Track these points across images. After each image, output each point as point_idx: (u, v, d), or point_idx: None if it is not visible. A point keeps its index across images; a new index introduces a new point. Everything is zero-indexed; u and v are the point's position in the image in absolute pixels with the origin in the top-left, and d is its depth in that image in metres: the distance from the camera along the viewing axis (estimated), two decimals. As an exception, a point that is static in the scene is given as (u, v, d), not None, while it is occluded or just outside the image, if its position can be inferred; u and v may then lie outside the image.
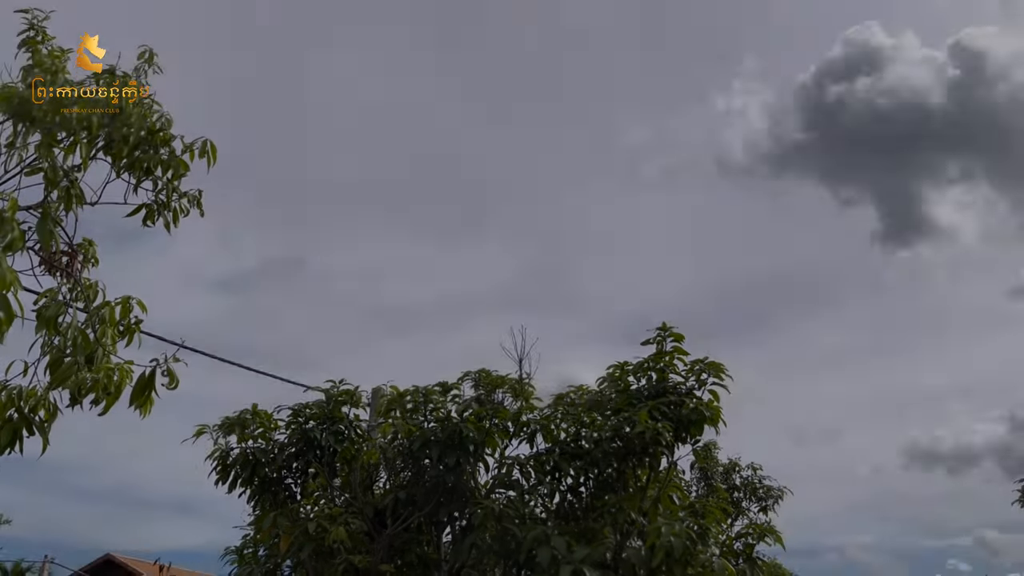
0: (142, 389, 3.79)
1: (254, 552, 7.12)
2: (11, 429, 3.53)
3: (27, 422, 3.57)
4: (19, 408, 3.58)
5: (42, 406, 3.68)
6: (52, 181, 3.91)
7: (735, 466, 17.03)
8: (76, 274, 4.15)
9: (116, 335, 3.79)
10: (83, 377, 3.53)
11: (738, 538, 6.50)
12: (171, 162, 4.24)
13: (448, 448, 6.39)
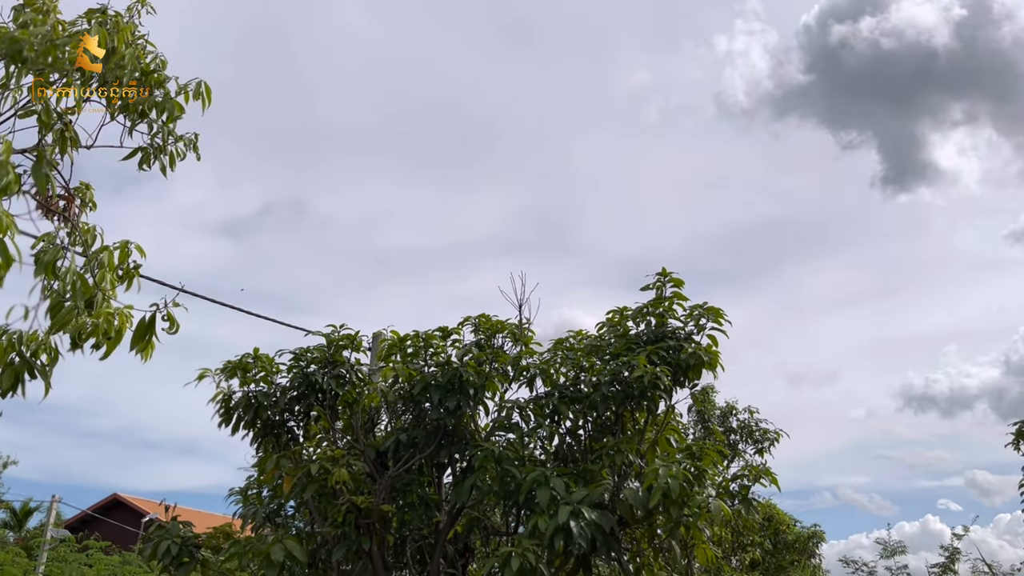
0: (142, 334, 3.81)
1: (258, 493, 7.23)
2: (13, 373, 3.56)
3: (29, 366, 3.60)
4: (20, 352, 3.60)
5: (43, 350, 3.70)
6: (46, 123, 3.87)
7: (732, 409, 17.25)
8: (74, 218, 4.14)
9: (115, 280, 3.79)
10: (83, 322, 3.55)
11: (734, 479, 6.59)
12: (165, 104, 4.20)
13: (448, 392, 6.45)
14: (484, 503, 7.31)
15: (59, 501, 28.23)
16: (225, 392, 6.91)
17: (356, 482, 6.34)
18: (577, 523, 5.62)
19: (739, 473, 6.60)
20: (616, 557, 6.17)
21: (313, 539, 6.80)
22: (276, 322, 10.48)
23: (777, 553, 17.75)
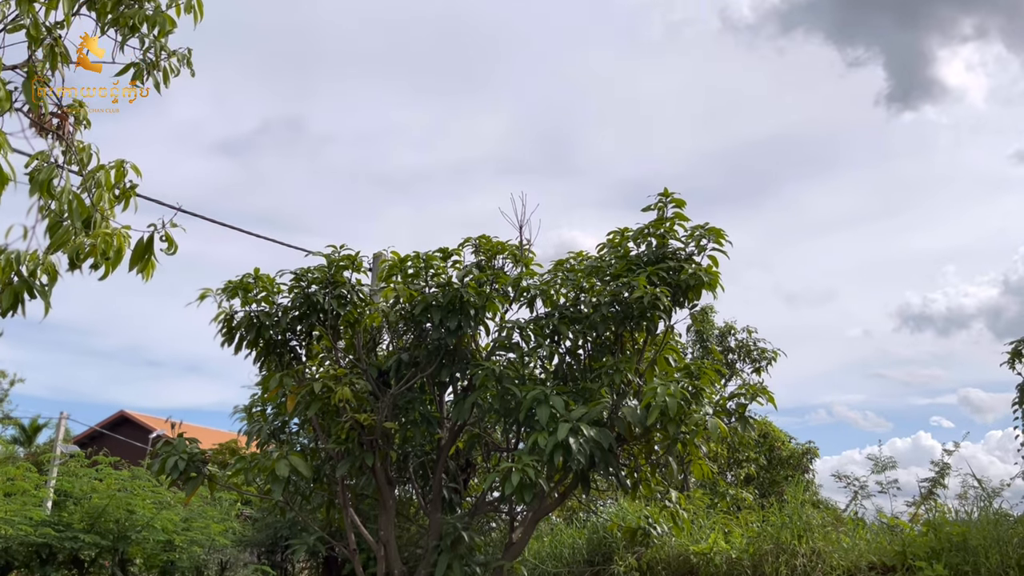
0: (141, 254, 3.79)
1: (262, 410, 7.35)
2: (12, 292, 3.56)
3: (28, 286, 3.59)
4: (19, 272, 3.59)
5: (43, 270, 3.69)
6: (35, 38, 3.77)
7: (730, 329, 17.39)
8: (68, 136, 4.07)
9: (112, 200, 3.76)
10: (81, 242, 3.53)
11: (731, 398, 6.67)
12: (156, 18, 4.08)
13: (449, 312, 6.48)
14: (485, 420, 7.43)
15: (67, 418, 28.74)
16: (227, 312, 6.93)
17: (359, 400, 6.43)
18: (576, 440, 5.72)
19: (736, 392, 6.67)
20: (614, 472, 6.31)
21: (317, 455, 6.93)
22: (276, 242, 10.47)
23: (771, 468, 18.16)
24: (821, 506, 14.32)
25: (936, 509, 10.15)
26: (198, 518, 9.68)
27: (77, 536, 8.38)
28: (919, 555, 8.69)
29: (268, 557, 11.17)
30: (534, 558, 9.83)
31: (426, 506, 7.26)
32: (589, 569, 9.64)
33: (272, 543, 10.93)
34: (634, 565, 9.35)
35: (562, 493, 6.68)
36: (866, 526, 10.26)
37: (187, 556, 9.44)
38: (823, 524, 9.74)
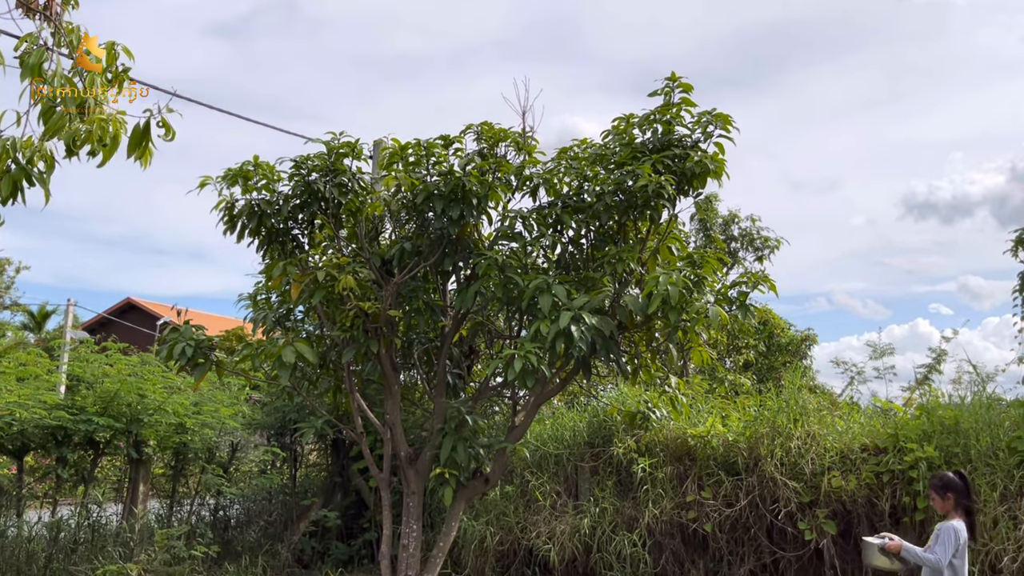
0: (138, 140, 3.73)
1: (267, 298, 7.40)
2: (11, 180, 3.52)
3: (26, 173, 3.55)
4: (16, 159, 3.55)
5: (39, 157, 3.64)
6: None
7: (734, 217, 17.34)
8: (56, 17, 3.93)
9: (105, 84, 3.66)
10: (76, 128, 3.46)
11: (733, 286, 6.70)
12: None
13: (451, 201, 6.43)
14: (488, 309, 7.49)
15: (75, 305, 29.07)
16: (228, 200, 6.89)
17: (362, 288, 6.46)
18: (578, 327, 5.78)
19: (738, 280, 6.69)
20: (615, 359, 6.41)
21: (322, 342, 7.03)
22: (274, 129, 10.32)
23: (770, 355, 18.46)
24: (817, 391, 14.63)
25: (930, 394, 10.36)
26: (208, 402, 9.91)
27: (91, 419, 8.60)
28: (911, 438, 8.93)
29: (277, 439, 11.51)
30: (536, 440, 10.12)
31: (431, 391, 7.42)
32: (589, 451, 9.94)
33: (281, 426, 11.24)
34: (633, 447, 9.63)
35: (563, 379, 6.81)
36: (861, 410, 10.51)
37: (199, 438, 9.71)
38: (819, 408, 9.97)
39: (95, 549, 8.62)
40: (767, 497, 9.15)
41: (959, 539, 5.51)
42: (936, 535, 5.61)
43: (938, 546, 5.52)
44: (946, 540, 5.50)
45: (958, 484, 5.70)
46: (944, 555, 5.46)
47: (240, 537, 10.25)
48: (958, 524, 5.57)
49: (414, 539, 6.71)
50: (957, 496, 5.66)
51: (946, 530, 5.55)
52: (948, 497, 5.68)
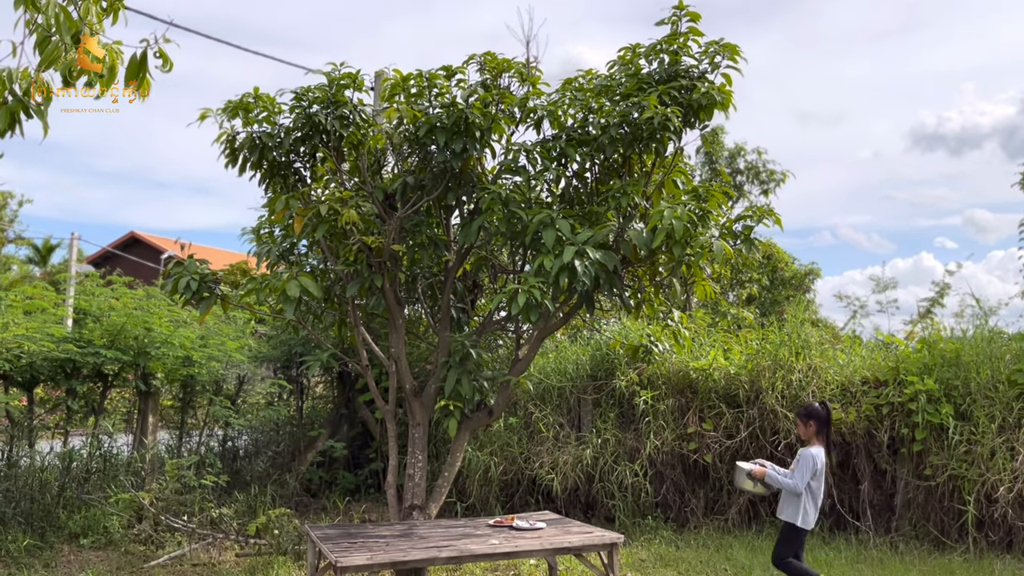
0: (135, 71, 3.67)
1: (270, 232, 7.38)
2: (8, 112, 3.47)
3: (23, 105, 3.50)
4: (13, 91, 3.50)
5: (37, 89, 3.59)
6: None
7: (740, 150, 17.18)
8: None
9: (100, 13, 3.58)
10: (72, 58, 3.40)
11: (738, 220, 6.66)
12: None
13: (454, 134, 6.35)
14: (491, 243, 7.47)
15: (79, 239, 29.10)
16: (228, 133, 6.82)
17: (365, 223, 6.44)
18: (581, 262, 5.78)
19: (743, 214, 6.65)
20: (618, 293, 6.42)
21: (326, 276, 7.04)
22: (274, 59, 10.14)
23: (773, 289, 18.49)
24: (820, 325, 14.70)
25: (932, 327, 10.40)
26: (214, 336, 9.98)
27: (99, 352, 8.67)
28: (911, 371, 9.00)
29: (284, 372, 11.64)
30: (539, 373, 10.22)
31: (435, 325, 7.46)
32: (592, 384, 10.04)
33: (287, 359, 11.35)
34: (635, 380, 9.73)
35: (567, 313, 6.83)
36: (862, 344, 10.57)
37: (206, 371, 9.81)
38: (821, 342, 10.02)
39: (107, 478, 8.80)
40: (767, 429, 9.27)
41: (816, 464, 5.91)
42: (797, 460, 6.02)
43: (797, 471, 5.94)
44: (804, 465, 5.91)
45: (821, 413, 6.09)
46: (802, 480, 5.88)
47: (249, 467, 10.45)
48: (816, 450, 5.98)
49: (419, 469, 6.83)
50: (818, 424, 6.05)
51: (805, 456, 5.96)
52: (810, 425, 6.08)
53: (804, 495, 5.89)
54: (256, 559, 7.65)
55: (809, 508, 5.90)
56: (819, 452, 5.96)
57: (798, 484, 5.86)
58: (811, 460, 5.89)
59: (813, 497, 5.92)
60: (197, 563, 7.59)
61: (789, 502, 5.96)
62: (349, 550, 5.45)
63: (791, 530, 5.94)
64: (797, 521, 5.88)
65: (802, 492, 5.88)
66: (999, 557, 8.00)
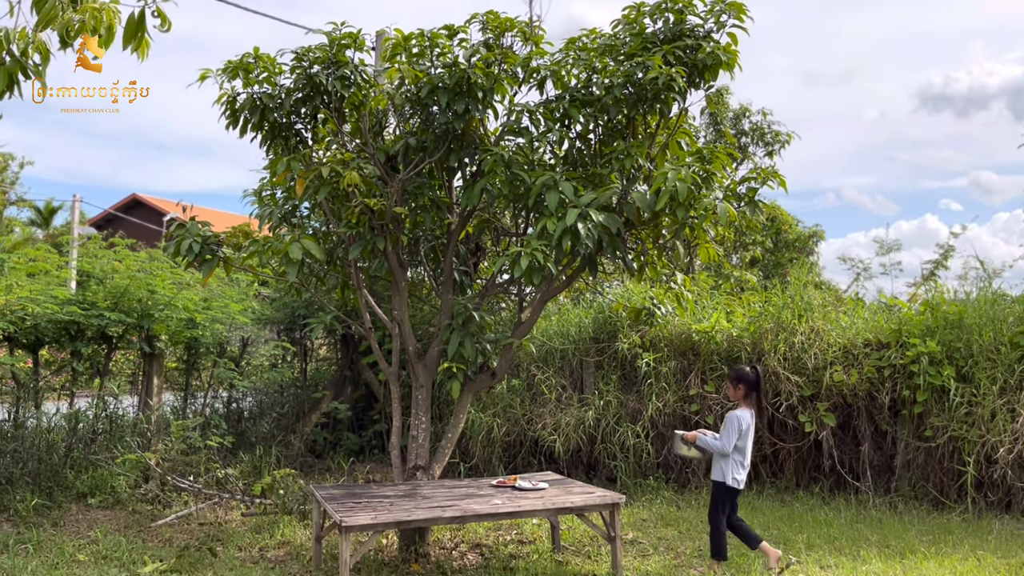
0: (133, 31, 3.62)
1: (272, 194, 7.35)
2: (6, 73, 3.44)
3: (21, 66, 3.47)
4: (10, 51, 3.46)
5: (34, 48, 3.55)
6: None
7: (745, 111, 17.03)
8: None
9: (96, -29, 3.53)
10: (69, 18, 3.36)
11: (742, 182, 6.61)
12: None
13: (456, 95, 6.29)
14: (494, 206, 7.44)
15: (81, 201, 29.05)
16: (229, 94, 6.76)
17: (367, 185, 6.41)
18: (585, 225, 5.75)
19: (747, 176, 6.61)
20: (621, 256, 6.40)
21: (329, 238, 7.03)
22: (275, 19, 10.00)
23: (777, 251, 18.46)
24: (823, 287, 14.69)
25: (936, 289, 10.39)
26: (217, 298, 10.00)
27: (103, 314, 8.69)
28: (914, 333, 9.01)
29: (287, 334, 11.68)
30: (542, 336, 10.25)
31: (438, 287, 7.46)
32: (594, 346, 10.07)
33: (290, 321, 11.38)
34: (637, 342, 9.75)
35: (570, 276, 6.82)
36: (865, 306, 10.57)
37: (209, 333, 9.84)
38: (823, 304, 10.02)
39: (113, 439, 8.88)
40: (769, 391, 9.31)
41: (742, 426, 6.14)
42: (725, 423, 6.23)
43: (724, 434, 6.18)
44: (730, 428, 6.15)
45: (750, 377, 6.30)
46: (728, 442, 6.12)
47: (253, 428, 10.54)
48: (742, 412, 6.21)
49: (423, 430, 6.88)
50: (747, 388, 6.27)
51: (731, 419, 6.19)
52: (740, 388, 6.29)
53: (732, 456, 6.14)
54: (262, 518, 7.75)
55: (737, 468, 6.15)
56: (744, 414, 6.19)
57: (725, 446, 6.10)
58: (736, 422, 6.12)
59: (741, 457, 6.17)
60: (204, 522, 7.69)
61: (718, 463, 6.22)
62: (354, 510, 5.51)
63: (721, 489, 6.18)
64: (727, 481, 6.13)
65: (729, 453, 6.12)
66: (997, 517, 8.08)
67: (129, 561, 6.28)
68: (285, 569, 6.17)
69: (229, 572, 6.01)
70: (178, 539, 7.02)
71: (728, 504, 6.19)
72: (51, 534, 7.05)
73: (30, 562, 6.17)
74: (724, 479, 6.16)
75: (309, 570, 6.17)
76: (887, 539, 7.21)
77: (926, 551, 6.78)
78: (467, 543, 7.08)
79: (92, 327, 8.85)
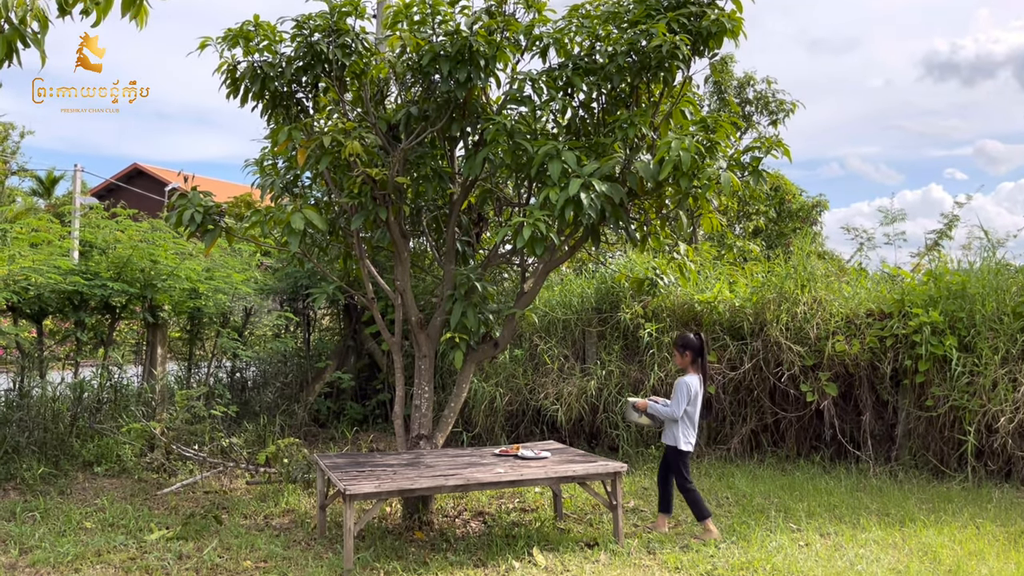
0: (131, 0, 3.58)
1: (274, 164, 7.32)
2: (4, 41, 3.41)
3: (19, 34, 3.44)
4: (8, 20, 3.42)
5: (32, 16, 3.52)
6: None
7: (750, 80, 16.85)
8: None
9: (93, -63, 3.49)
10: (66, -15, 3.32)
11: (746, 151, 6.57)
12: None
13: (458, 63, 6.23)
14: (496, 176, 7.41)
15: (82, 170, 28.96)
16: (229, 62, 6.71)
17: (369, 154, 6.38)
18: (587, 195, 5.73)
19: (751, 145, 6.56)
20: (624, 226, 6.38)
21: (331, 208, 7.01)
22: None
23: (780, 221, 18.39)
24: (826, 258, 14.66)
25: (939, 259, 10.36)
26: (220, 268, 10.00)
27: (106, 284, 8.71)
28: (916, 303, 9.01)
29: (290, 304, 11.70)
30: (544, 306, 10.26)
31: (440, 258, 7.45)
32: (597, 316, 10.08)
33: (293, 292, 11.40)
34: (640, 313, 9.76)
35: (572, 246, 6.81)
36: (868, 276, 10.56)
37: (212, 303, 9.86)
38: (826, 274, 10.01)
39: (118, 408, 8.94)
40: (771, 360, 9.34)
41: (691, 391, 6.37)
42: (675, 389, 6.44)
43: (673, 400, 6.40)
44: (679, 394, 6.37)
45: (695, 344, 6.50)
46: (678, 407, 6.36)
47: (257, 398, 10.60)
48: (690, 378, 6.42)
49: (426, 400, 6.91)
50: (693, 354, 6.48)
51: (680, 385, 6.40)
52: (686, 355, 6.50)
53: (682, 421, 6.37)
54: (266, 487, 7.82)
55: (688, 432, 6.40)
56: (693, 379, 6.39)
57: (675, 411, 6.34)
58: (685, 388, 6.34)
59: (691, 422, 6.40)
60: (209, 490, 7.76)
61: (670, 428, 6.45)
62: (358, 478, 5.55)
63: (673, 453, 6.43)
64: (679, 445, 6.37)
65: (679, 418, 6.36)
66: (997, 486, 8.13)
67: (136, 528, 6.35)
68: (290, 536, 6.23)
69: (235, 539, 6.08)
70: (184, 507, 7.09)
71: (685, 467, 6.42)
72: (58, 502, 7.12)
73: (38, 529, 6.24)
74: (676, 443, 6.38)
75: (313, 537, 6.23)
76: (887, 507, 7.26)
77: (925, 519, 6.83)
78: (470, 511, 7.15)
79: (95, 297, 8.87)
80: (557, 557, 5.73)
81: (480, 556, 5.77)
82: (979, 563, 5.64)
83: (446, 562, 5.62)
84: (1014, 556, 5.80)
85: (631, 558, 5.76)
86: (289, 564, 5.53)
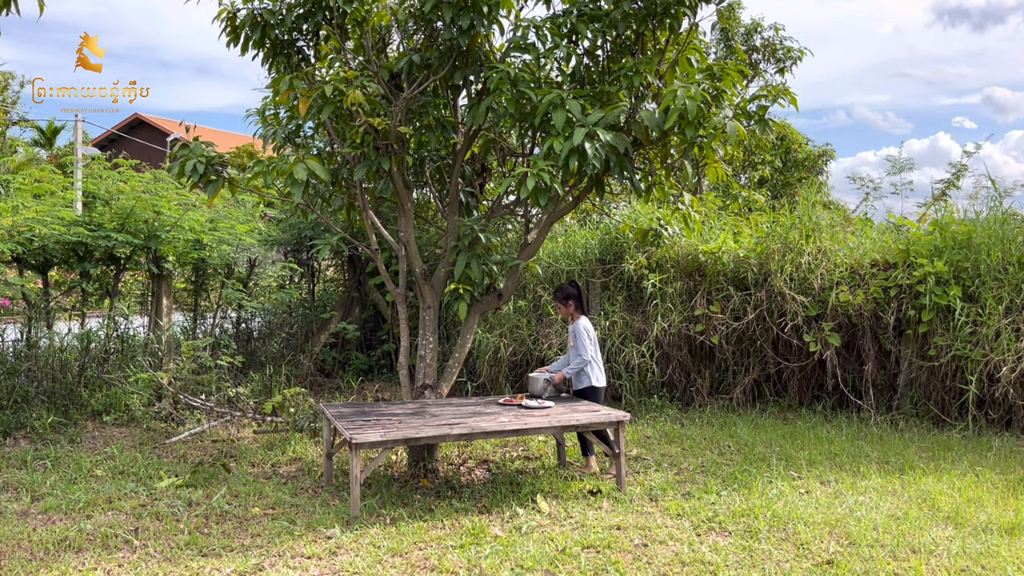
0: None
1: (276, 114, 7.25)
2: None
3: (15, -18, 3.38)
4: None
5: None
6: None
7: (757, 27, 16.57)
8: None
9: None
10: (61, -69, 3.25)
11: (752, 100, 6.49)
12: None
13: (461, 10, 6.13)
14: (500, 125, 7.34)
15: (83, 120, 28.71)
16: (228, 9, 6.61)
17: (371, 104, 6.31)
18: (592, 144, 5.68)
19: (758, 93, 6.48)
20: (628, 176, 6.34)
21: (333, 159, 6.97)
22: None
23: (786, 171, 18.26)
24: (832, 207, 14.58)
25: (945, 209, 10.31)
26: (223, 219, 9.98)
27: (110, 235, 8.70)
28: (921, 253, 8.98)
29: (294, 255, 11.70)
30: (548, 257, 10.25)
31: (443, 209, 7.43)
32: (601, 267, 10.08)
33: (297, 243, 11.40)
34: (644, 263, 9.76)
35: (576, 196, 6.78)
36: (874, 226, 10.51)
37: (216, 254, 9.86)
38: (832, 224, 9.97)
39: (125, 359, 9.01)
40: (775, 311, 9.35)
41: (590, 332, 6.73)
42: (573, 335, 6.74)
43: (580, 345, 6.67)
44: (581, 339, 6.67)
45: (573, 292, 6.90)
46: (586, 350, 6.67)
47: (263, 348, 10.67)
48: (583, 321, 6.77)
49: (431, 350, 6.95)
50: (576, 302, 6.88)
51: (578, 330, 6.71)
52: (569, 304, 6.89)
53: (593, 360, 6.71)
54: (273, 436, 7.92)
55: (597, 370, 6.76)
56: (586, 322, 6.79)
57: (586, 355, 6.66)
58: (584, 331, 6.68)
59: (597, 359, 6.77)
60: (217, 439, 7.86)
61: (583, 373, 6.74)
62: (363, 427, 5.62)
63: (592, 392, 6.75)
64: (593, 383, 6.73)
65: (591, 361, 6.69)
66: (997, 435, 8.20)
67: (146, 476, 6.45)
68: (297, 484, 6.33)
69: (243, 487, 6.17)
70: (192, 455, 7.19)
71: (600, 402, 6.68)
72: (68, 450, 7.22)
73: (49, 477, 6.34)
74: (591, 382, 6.70)
75: (320, 485, 6.33)
76: (887, 455, 7.34)
77: (925, 467, 6.91)
78: (475, 459, 7.24)
79: (100, 248, 8.87)
80: (560, 504, 5.82)
81: (484, 503, 5.86)
82: (978, 510, 5.72)
83: (451, 509, 5.72)
84: (1012, 503, 5.88)
85: (633, 505, 5.84)
86: (297, 511, 5.63)
